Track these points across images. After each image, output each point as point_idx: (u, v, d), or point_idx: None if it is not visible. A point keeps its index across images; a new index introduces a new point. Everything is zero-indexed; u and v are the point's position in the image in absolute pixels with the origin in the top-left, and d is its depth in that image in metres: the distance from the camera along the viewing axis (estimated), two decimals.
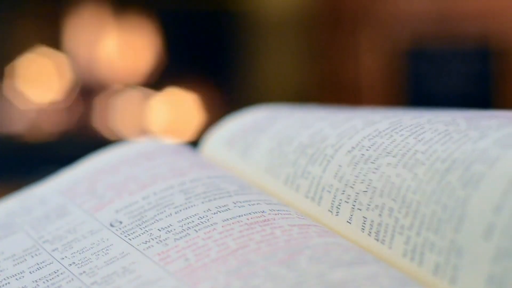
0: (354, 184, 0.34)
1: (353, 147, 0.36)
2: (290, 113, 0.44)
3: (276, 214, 0.34)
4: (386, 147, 0.35)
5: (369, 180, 0.34)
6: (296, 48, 1.76)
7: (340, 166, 0.36)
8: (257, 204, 0.35)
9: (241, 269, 0.30)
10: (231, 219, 0.34)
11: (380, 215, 0.33)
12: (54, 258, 0.34)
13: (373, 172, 0.34)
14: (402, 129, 0.35)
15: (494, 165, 0.30)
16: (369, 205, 0.33)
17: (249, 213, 0.34)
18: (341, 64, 1.80)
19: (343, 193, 0.35)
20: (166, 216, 0.35)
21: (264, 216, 0.34)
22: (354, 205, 0.34)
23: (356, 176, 0.35)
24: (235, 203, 0.35)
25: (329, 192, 0.35)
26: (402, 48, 1.74)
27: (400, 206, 0.32)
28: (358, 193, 0.34)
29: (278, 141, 0.40)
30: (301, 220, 0.34)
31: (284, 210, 0.35)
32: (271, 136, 0.41)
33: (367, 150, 0.35)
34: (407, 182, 0.32)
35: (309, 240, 0.32)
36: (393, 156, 0.34)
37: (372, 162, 0.34)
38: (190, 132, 1.70)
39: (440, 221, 0.30)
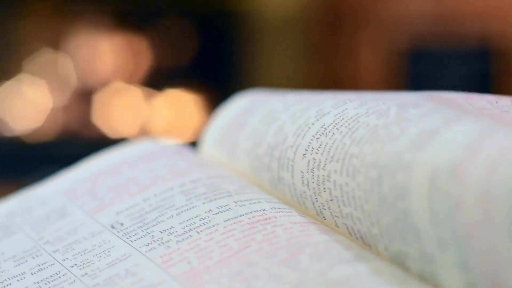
0: (320, 193, 0.33)
1: (306, 150, 0.35)
2: (264, 103, 0.42)
3: (277, 212, 0.34)
4: (329, 149, 0.33)
5: (329, 189, 0.33)
6: (296, 48, 1.76)
7: (302, 172, 0.35)
8: (258, 202, 0.35)
9: (243, 271, 0.30)
10: (232, 219, 0.34)
11: (354, 223, 0.32)
12: (55, 259, 0.34)
13: (328, 180, 0.33)
14: (342, 124, 0.34)
15: (410, 173, 0.28)
16: (341, 213, 0.32)
17: (250, 212, 0.34)
18: (341, 64, 1.80)
19: (317, 200, 0.34)
20: (168, 218, 0.34)
21: (266, 214, 0.34)
22: (331, 212, 0.33)
23: (318, 184, 0.34)
24: (236, 203, 0.35)
25: (306, 198, 0.35)
26: (402, 48, 1.73)
27: (364, 216, 0.31)
28: (327, 201, 0.33)
29: (252, 141, 0.39)
30: (302, 218, 0.34)
31: (285, 208, 0.35)
32: (247, 135, 0.40)
33: (316, 153, 0.34)
34: (356, 192, 0.31)
35: (310, 237, 0.32)
36: (336, 161, 0.32)
37: (323, 169, 0.33)
38: (190, 132, 1.70)
39: (401, 231, 0.29)
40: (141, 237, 0.34)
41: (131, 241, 0.34)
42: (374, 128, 0.32)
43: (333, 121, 0.34)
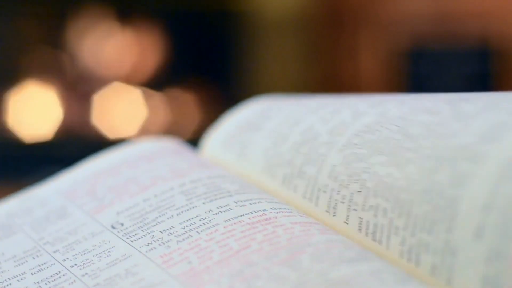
0: (348, 184, 0.34)
1: (344, 145, 0.36)
2: (282, 107, 0.43)
3: (277, 212, 0.34)
4: (375, 144, 0.35)
5: (363, 180, 0.34)
6: (296, 48, 1.76)
7: (334, 165, 0.35)
8: (258, 202, 0.35)
9: (243, 271, 0.30)
10: (232, 219, 0.34)
11: (375, 215, 0.33)
12: (55, 259, 0.34)
13: (366, 172, 0.34)
14: (389, 123, 0.35)
15: (480, 162, 0.30)
16: (364, 205, 0.33)
17: (251, 212, 0.34)
18: (341, 64, 1.80)
19: (338, 193, 0.35)
20: (168, 218, 0.35)
21: (266, 214, 0.34)
22: (350, 206, 0.34)
23: (350, 176, 0.34)
24: (236, 203, 0.35)
25: (325, 192, 0.35)
26: (402, 48, 1.73)
27: (393, 207, 0.32)
28: (352, 193, 0.34)
29: (273, 140, 0.40)
30: (303, 218, 0.34)
31: (285, 208, 0.35)
32: (266, 135, 0.41)
33: (358, 148, 0.35)
34: (399, 181, 0.32)
35: (311, 237, 0.32)
36: (384, 155, 0.34)
37: (364, 161, 0.34)
38: (190, 132, 1.70)
39: (433, 221, 0.30)
40: (142, 237, 0.34)
41: (131, 241, 0.34)
42: (430, 125, 0.33)
43: (376, 120, 0.36)
